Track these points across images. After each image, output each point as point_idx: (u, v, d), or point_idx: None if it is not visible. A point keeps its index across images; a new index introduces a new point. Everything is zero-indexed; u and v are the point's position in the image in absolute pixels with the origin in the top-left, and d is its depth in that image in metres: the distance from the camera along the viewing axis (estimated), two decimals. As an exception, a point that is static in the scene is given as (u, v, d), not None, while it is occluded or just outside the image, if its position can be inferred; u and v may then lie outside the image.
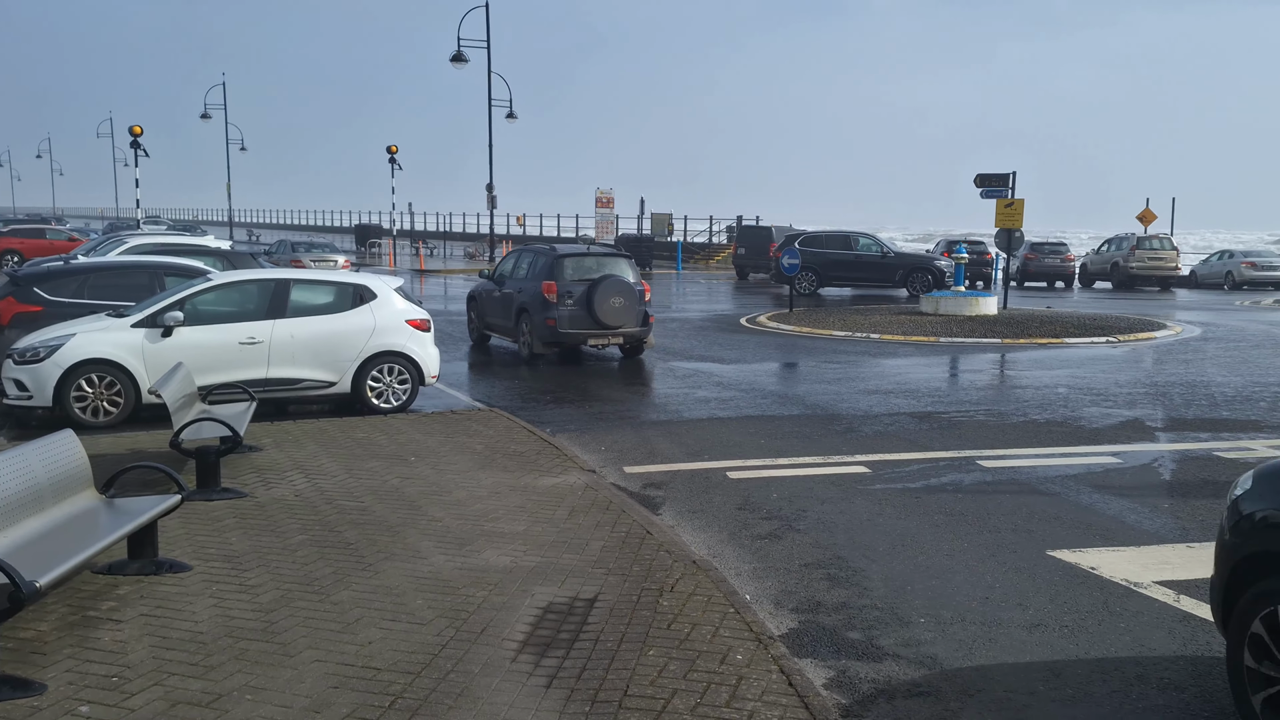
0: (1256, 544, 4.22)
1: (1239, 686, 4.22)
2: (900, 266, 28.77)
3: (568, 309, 15.02)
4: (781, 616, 5.62)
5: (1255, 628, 4.09)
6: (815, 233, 31.53)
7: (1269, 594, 4.04)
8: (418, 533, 6.75)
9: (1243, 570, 4.27)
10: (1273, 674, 4.01)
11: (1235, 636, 4.24)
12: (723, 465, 8.99)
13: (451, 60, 41.12)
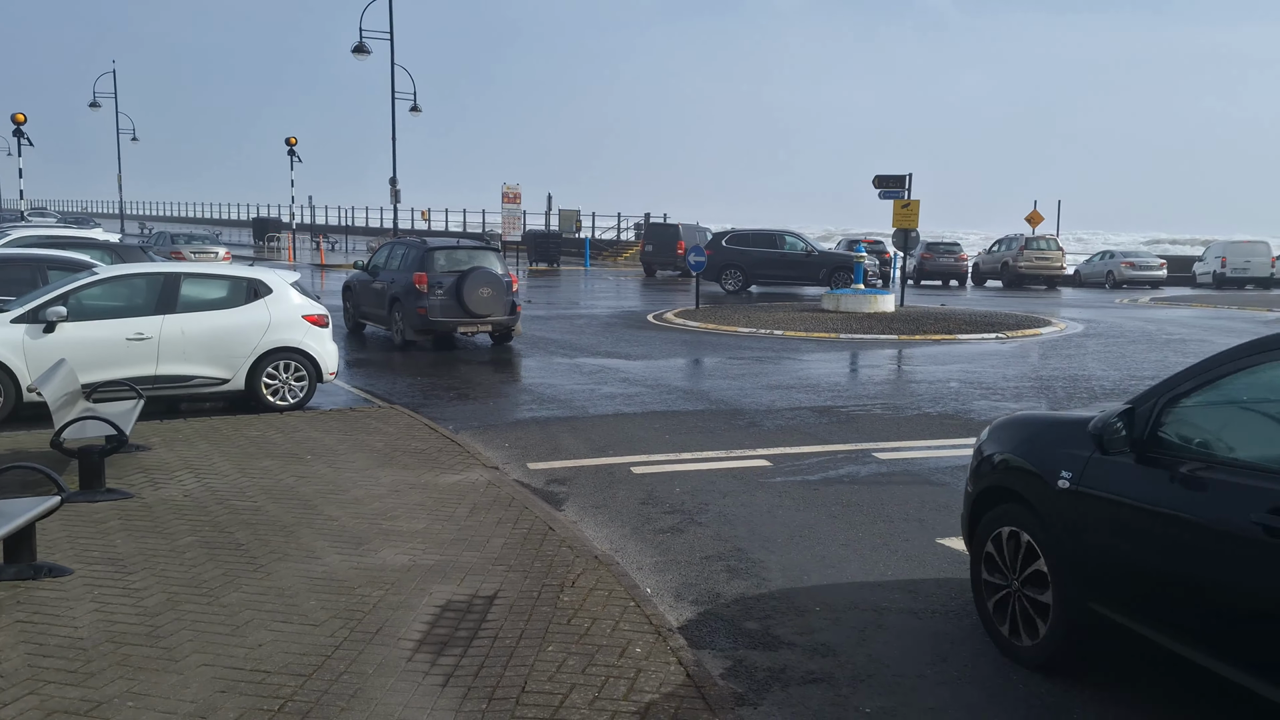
0: (989, 481, 5.26)
1: (978, 594, 5.29)
2: (824, 264, 29.09)
3: (438, 299, 15.95)
4: (681, 609, 5.68)
5: (988, 548, 5.17)
6: (742, 231, 31.71)
7: (997, 519, 5.13)
8: (313, 532, 6.61)
9: (980, 502, 5.32)
10: (1000, 582, 5.09)
11: (975, 554, 5.32)
12: (627, 460, 9.03)
13: (353, 51, 40.29)
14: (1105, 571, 4.44)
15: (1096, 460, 4.51)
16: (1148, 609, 4.23)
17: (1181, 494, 4.07)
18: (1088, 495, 4.51)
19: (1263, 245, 38.55)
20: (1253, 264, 37.50)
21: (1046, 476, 4.74)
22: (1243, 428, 4.22)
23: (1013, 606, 4.99)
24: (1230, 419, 4.27)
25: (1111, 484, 4.41)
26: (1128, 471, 4.36)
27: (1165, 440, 4.28)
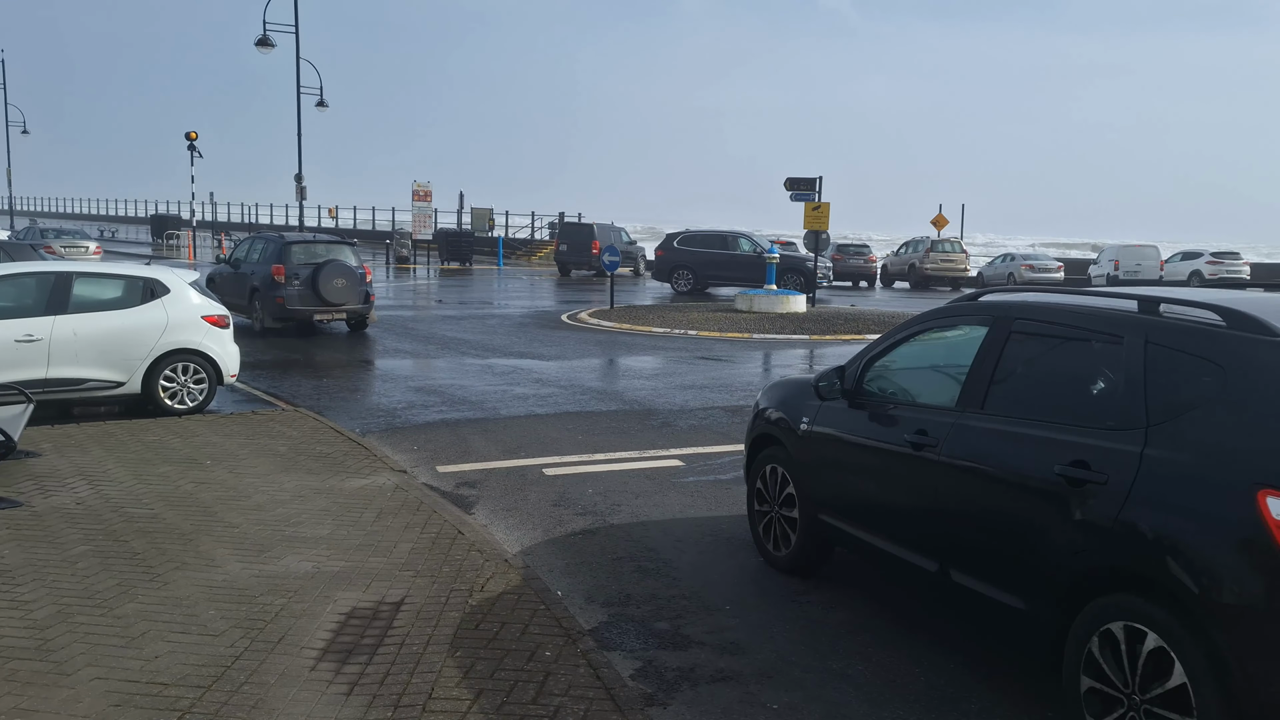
0: (759, 430, 6.61)
1: (752, 522, 6.71)
2: None
3: (295, 289, 17.46)
4: (592, 611, 5.67)
5: (758, 484, 6.57)
6: (694, 232, 31.52)
7: (764, 459, 6.50)
8: (212, 540, 6.41)
9: (753, 447, 6.71)
10: (765, 509, 6.47)
11: (749, 490, 6.73)
12: (539, 462, 8.98)
13: (257, 45, 39.25)
14: (829, 488, 5.87)
15: (823, 408, 5.93)
16: (851, 512, 5.65)
17: (873, 427, 5.49)
18: (818, 434, 5.93)
19: (1152, 249, 40.29)
20: (1143, 267, 39.15)
21: (793, 423, 6.15)
22: (906, 377, 5.65)
23: (774, 526, 6.39)
24: (899, 371, 5.69)
25: (831, 424, 5.84)
26: (842, 414, 5.77)
27: (866, 390, 5.69)
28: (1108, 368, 4.28)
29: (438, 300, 27.39)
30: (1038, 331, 4.75)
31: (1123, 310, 4.40)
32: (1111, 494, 3.95)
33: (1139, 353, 4.14)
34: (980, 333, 5.01)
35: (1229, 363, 3.82)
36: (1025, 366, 4.76)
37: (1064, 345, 4.62)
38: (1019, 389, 4.72)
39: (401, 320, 21.23)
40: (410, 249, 45.21)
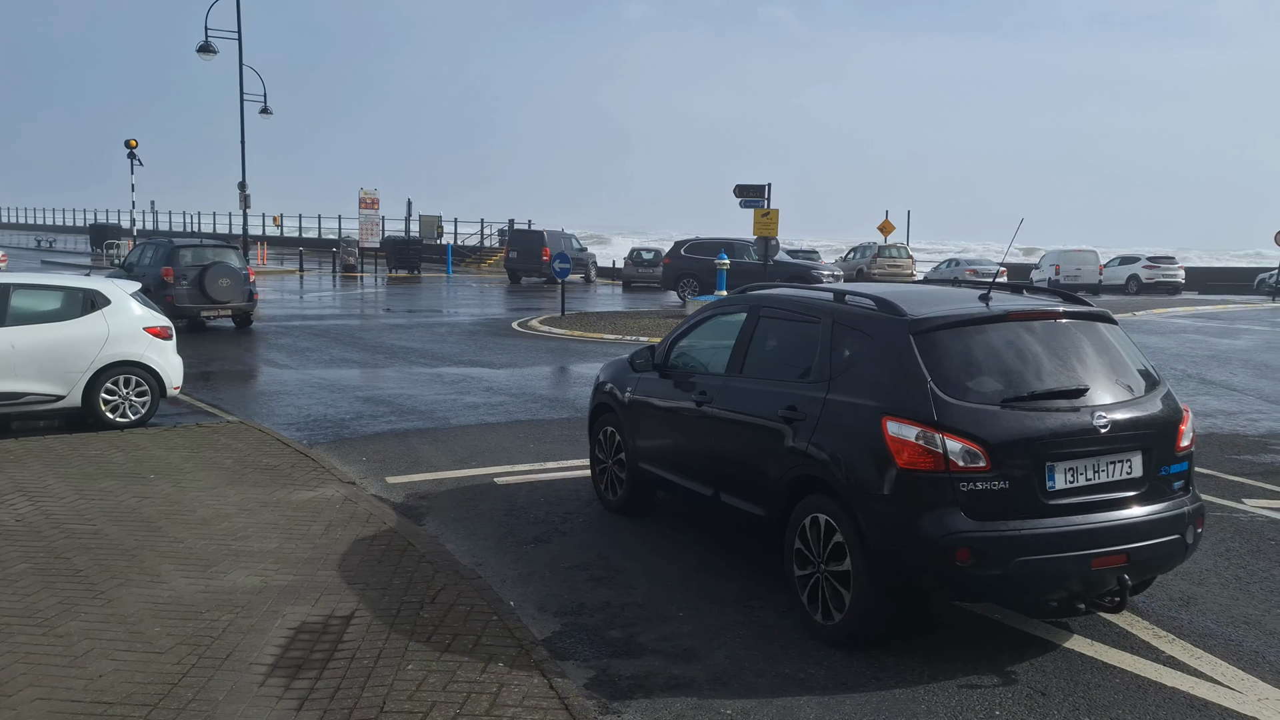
0: (598, 400, 8.08)
1: (593, 476, 8.14)
2: (778, 275, 27.48)
3: (184, 288, 19.36)
4: (545, 620, 5.66)
5: (596, 444, 8.07)
6: (702, 240, 30.66)
7: (601, 424, 8.00)
8: (157, 555, 6.30)
9: (593, 414, 8.17)
10: (602, 465, 7.94)
11: (590, 449, 8.24)
12: (490, 471, 8.94)
13: (199, 51, 38.65)
14: (646, 442, 7.31)
15: (641, 379, 7.44)
16: (661, 459, 7.12)
17: (674, 391, 6.93)
18: (637, 400, 7.43)
19: (1091, 254, 41.23)
20: (1083, 271, 40.04)
21: (621, 393, 7.65)
22: (697, 353, 7.09)
23: (608, 476, 7.84)
24: (692, 348, 7.16)
25: (646, 392, 7.34)
26: (654, 384, 7.27)
27: (671, 363, 7.20)
28: (812, 340, 5.85)
29: (385, 309, 27.15)
30: (775, 316, 6.36)
31: (824, 300, 6.01)
32: (808, 427, 5.53)
33: (829, 329, 5.75)
34: (741, 317, 6.59)
35: (874, 333, 5.47)
36: (767, 341, 6.33)
37: (789, 325, 6.20)
38: (762, 357, 6.30)
39: (349, 329, 21.02)
40: (357, 257, 44.76)
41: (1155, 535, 5.15)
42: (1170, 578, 6.29)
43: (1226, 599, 5.99)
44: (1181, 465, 5.47)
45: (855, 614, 5.18)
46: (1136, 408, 5.31)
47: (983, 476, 4.92)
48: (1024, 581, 4.94)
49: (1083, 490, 5.08)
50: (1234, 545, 6.99)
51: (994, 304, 5.56)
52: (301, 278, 40.48)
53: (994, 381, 5.16)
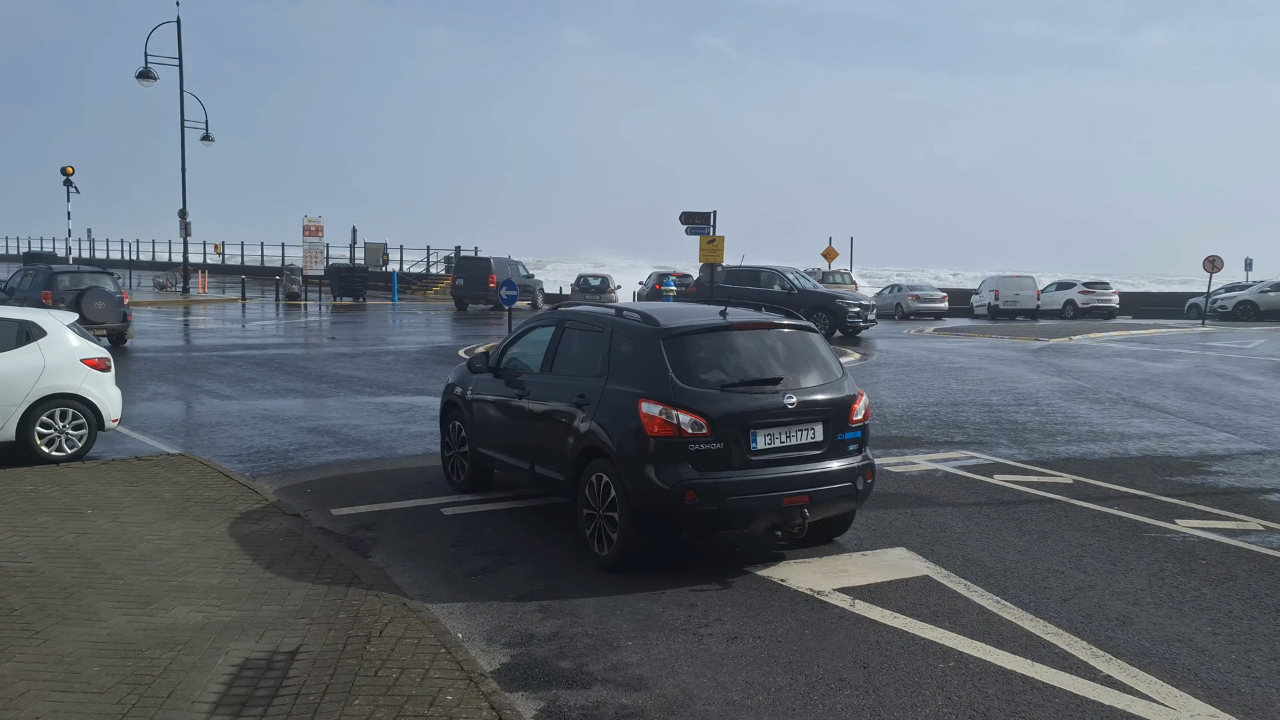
0: (446, 398, 9.64)
1: (443, 463, 9.70)
2: (802, 305, 26.11)
3: None
4: (494, 652, 5.63)
5: (446, 435, 9.58)
6: (733, 268, 29.36)
7: (449, 419, 9.53)
8: (95, 593, 6.16)
9: (443, 411, 9.74)
10: (450, 452, 9.49)
11: (441, 440, 9.76)
12: (437, 502, 8.88)
13: (138, 77, 38.18)
14: (483, 431, 8.89)
15: (478, 380, 9.02)
16: (494, 443, 8.73)
17: (504, 388, 8.57)
18: (476, 398, 9.00)
19: (1029, 280, 42.19)
20: (1021, 297, 40.94)
21: (464, 391, 9.23)
22: (520, 357, 8.68)
23: (455, 461, 9.41)
24: (517, 354, 8.77)
25: (483, 390, 8.92)
26: (489, 383, 8.85)
27: (502, 366, 8.78)
28: (598, 344, 7.63)
29: (330, 337, 26.86)
30: (575, 326, 8.07)
31: (607, 314, 7.82)
32: (591, 410, 7.29)
33: (609, 336, 7.52)
34: (552, 328, 8.35)
35: (637, 338, 7.28)
36: (569, 346, 8.02)
37: (584, 334, 7.91)
38: (565, 359, 7.99)
39: (292, 359, 20.75)
40: (301, 285, 44.27)
41: (831, 482, 7.05)
42: (1108, 598, 6.45)
43: (1161, 618, 6.16)
44: (855, 433, 7.33)
45: (622, 545, 6.97)
46: (820, 392, 7.18)
47: (705, 440, 6.75)
48: (735, 515, 6.84)
49: (777, 450, 6.95)
50: (1167, 565, 7.19)
51: (729, 317, 7.47)
52: (244, 306, 39.88)
53: (718, 373, 7.04)
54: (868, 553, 7.44)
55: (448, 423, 9.56)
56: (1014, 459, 10.94)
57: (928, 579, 6.84)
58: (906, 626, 5.95)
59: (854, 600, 6.40)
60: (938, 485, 9.68)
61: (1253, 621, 6.12)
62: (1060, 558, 7.35)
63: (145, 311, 35.29)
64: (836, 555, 7.38)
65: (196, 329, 28.84)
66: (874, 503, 8.95)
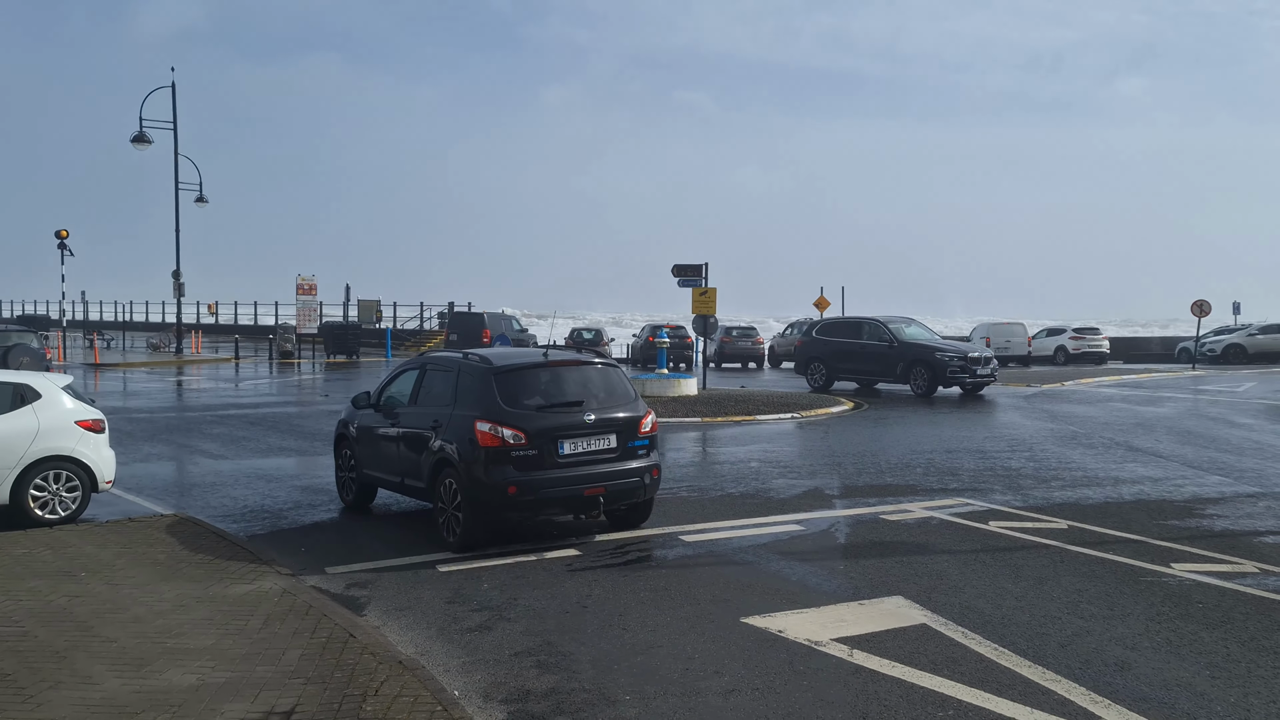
0: (339, 431, 11.48)
1: (339, 485, 11.49)
2: (901, 358, 24.78)
3: None
4: (491, 709, 5.59)
5: (338, 461, 11.45)
6: (832, 320, 28.59)
7: (341, 448, 11.40)
8: (88, 656, 6.11)
9: (336, 442, 11.56)
10: (342, 476, 11.36)
11: (335, 465, 11.66)
12: (431, 559, 8.85)
13: (133, 141, 38.57)
14: (367, 456, 10.74)
15: (362, 414, 10.92)
16: (375, 466, 10.60)
17: (382, 420, 10.45)
18: (361, 428, 10.87)
19: (1019, 326, 42.43)
20: (1012, 343, 41.14)
21: (352, 425, 11.13)
22: (395, 395, 10.56)
23: (345, 481, 11.33)
24: (392, 392, 10.62)
25: (366, 422, 10.79)
26: (371, 416, 10.72)
27: (382, 402, 10.63)
28: (449, 380, 9.72)
29: (323, 395, 26.85)
30: (433, 369, 10.20)
31: (456, 357, 9.94)
32: (442, 431, 9.33)
33: (456, 374, 9.64)
34: (416, 370, 10.46)
35: (475, 374, 9.39)
36: (429, 383, 10.09)
37: (439, 373, 10.00)
38: (426, 393, 10.06)
39: (286, 417, 20.73)
40: (294, 344, 44.32)
41: (623, 479, 9.31)
42: (1106, 643, 6.44)
43: (1159, 662, 6.15)
44: (644, 442, 9.57)
45: (465, 531, 9.04)
46: (614, 412, 9.42)
47: (523, 448, 8.90)
48: (547, 503, 9.09)
49: (579, 455, 9.17)
50: (1164, 609, 7.18)
51: (549, 357, 9.69)
52: (237, 365, 39.90)
53: (536, 398, 9.28)
54: (865, 602, 7.42)
55: (339, 451, 11.48)
56: (1009, 505, 10.95)
57: (925, 627, 6.82)
58: (905, 675, 5.93)
59: (852, 650, 6.38)
60: (933, 533, 9.68)
61: (1251, 664, 6.11)
62: (1057, 604, 7.35)
63: (139, 372, 35.27)
64: (834, 605, 7.36)
65: (190, 389, 28.82)
66: (870, 551, 8.95)
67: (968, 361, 24.29)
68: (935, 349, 24.56)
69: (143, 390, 27.56)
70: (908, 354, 24.69)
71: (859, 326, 26.30)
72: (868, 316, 26.74)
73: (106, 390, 27.43)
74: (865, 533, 9.74)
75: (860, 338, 25.85)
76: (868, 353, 25.53)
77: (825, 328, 27.45)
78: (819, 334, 27.35)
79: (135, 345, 51.72)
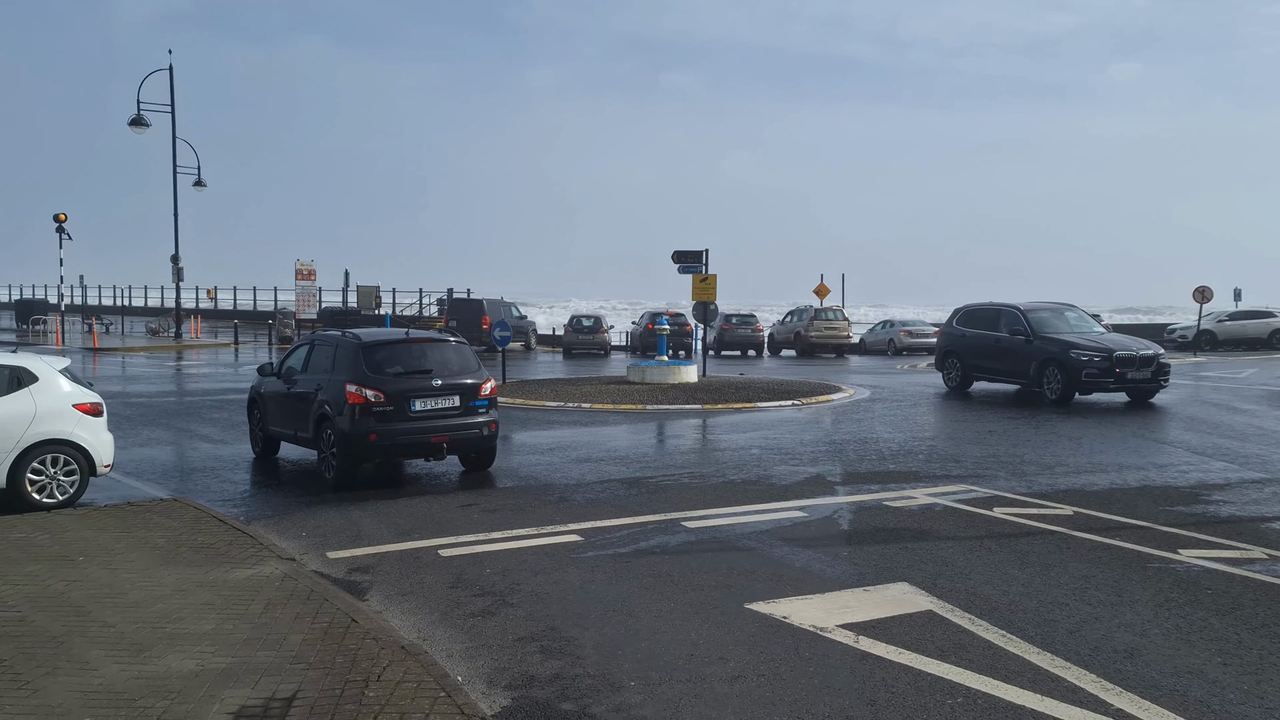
0: (250, 396, 13.98)
1: (251, 439, 14.03)
2: (1034, 356, 20.43)
3: None
4: (495, 695, 5.53)
5: (253, 422, 13.97)
6: (970, 307, 23.17)
7: (251, 410, 14.07)
8: (86, 641, 6.04)
9: (249, 405, 14.10)
10: (253, 432, 13.92)
11: (249, 424, 14.22)
12: (434, 543, 8.79)
13: (131, 124, 38.35)
14: (270, 415, 13.19)
15: (266, 381, 13.37)
16: (275, 422, 13.08)
17: (280, 385, 12.97)
18: (265, 392, 13.30)
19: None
20: (1013, 330, 40.98)
21: (260, 390, 13.51)
22: (291, 364, 13.08)
23: (255, 437, 13.73)
24: (290, 362, 13.15)
25: (269, 388, 13.21)
26: (273, 382, 13.16)
27: (282, 371, 13.06)
28: (330, 353, 12.04)
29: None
30: (320, 344, 12.55)
31: (337, 335, 12.34)
32: (324, 392, 11.68)
33: (335, 348, 12.03)
34: (308, 345, 12.79)
35: (349, 348, 11.76)
36: (316, 356, 12.44)
37: (325, 348, 12.29)
38: (313, 364, 12.40)
39: (286, 402, 20.65)
40: (294, 329, 44.22)
41: (464, 431, 11.75)
42: (1114, 629, 6.38)
43: (1170, 649, 6.08)
44: (483, 402, 11.96)
45: (339, 472, 11.39)
46: (458, 378, 11.85)
47: (383, 405, 11.24)
48: (402, 448, 11.51)
49: (428, 411, 11.53)
50: (1173, 596, 7.12)
51: (410, 335, 12.36)
52: (236, 350, 39.80)
53: (396, 367, 11.64)
54: (870, 588, 7.36)
55: (251, 412, 13.92)
56: (1013, 491, 10.88)
57: (932, 613, 6.76)
58: (912, 662, 5.87)
59: (858, 636, 6.32)
60: (938, 519, 9.61)
61: (1263, 651, 6.05)
62: (1065, 590, 7.28)
63: (138, 357, 35.16)
64: (839, 591, 7.30)
65: (189, 374, 28.72)
66: (874, 537, 8.89)
67: (1113, 362, 19.16)
68: (1072, 345, 19.77)
69: (142, 375, 27.47)
70: (1043, 351, 20.29)
71: (996, 315, 21.86)
72: (1006, 303, 22.05)
73: (105, 375, 27.33)
74: (869, 519, 9.68)
75: (997, 329, 21.53)
76: (1003, 348, 21.36)
77: (964, 316, 22.90)
78: (958, 323, 22.81)
79: (134, 330, 51.59)
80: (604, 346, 40.44)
